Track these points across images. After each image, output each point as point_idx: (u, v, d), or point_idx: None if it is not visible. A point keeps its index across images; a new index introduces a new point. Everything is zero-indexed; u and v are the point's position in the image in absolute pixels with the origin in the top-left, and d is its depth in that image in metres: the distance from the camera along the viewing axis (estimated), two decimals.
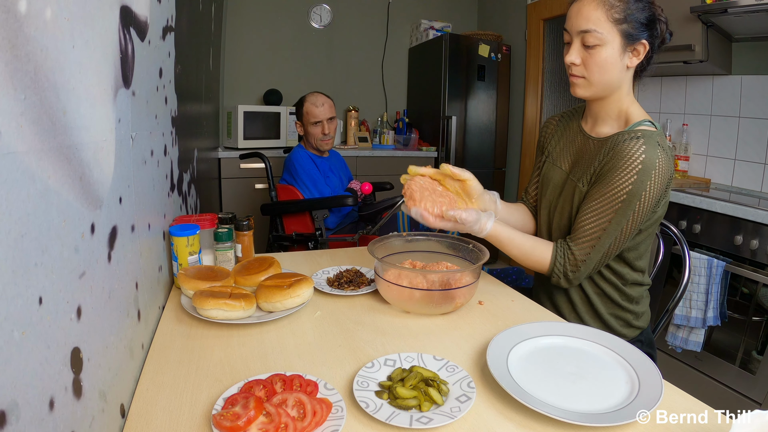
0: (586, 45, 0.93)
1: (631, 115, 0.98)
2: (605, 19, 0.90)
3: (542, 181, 1.14)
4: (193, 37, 1.55)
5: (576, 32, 0.93)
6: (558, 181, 1.09)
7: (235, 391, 0.61)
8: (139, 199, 0.73)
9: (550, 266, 0.98)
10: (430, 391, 0.62)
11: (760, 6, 1.61)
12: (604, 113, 1.02)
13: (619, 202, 0.91)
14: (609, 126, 1.02)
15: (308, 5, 3.38)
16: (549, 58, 3.22)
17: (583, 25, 0.92)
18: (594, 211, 0.94)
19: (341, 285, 1.02)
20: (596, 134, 1.03)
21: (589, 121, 1.06)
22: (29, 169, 0.37)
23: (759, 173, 2.02)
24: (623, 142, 0.93)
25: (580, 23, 0.92)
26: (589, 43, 0.92)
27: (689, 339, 1.73)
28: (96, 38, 0.53)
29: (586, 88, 0.97)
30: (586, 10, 0.91)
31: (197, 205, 1.59)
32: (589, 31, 0.91)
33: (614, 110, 1.00)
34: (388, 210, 2.02)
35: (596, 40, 0.91)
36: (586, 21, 0.91)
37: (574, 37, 0.94)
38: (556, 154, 1.12)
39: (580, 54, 0.94)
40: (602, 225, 0.93)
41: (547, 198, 1.10)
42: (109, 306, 0.56)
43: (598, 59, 0.92)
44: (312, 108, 2.10)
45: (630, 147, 0.90)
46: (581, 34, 0.92)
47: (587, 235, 0.95)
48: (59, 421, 0.40)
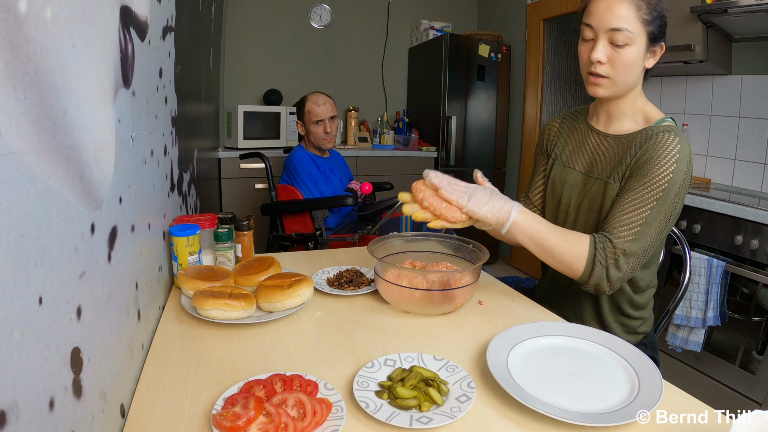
0: (614, 43, 0.89)
1: (649, 113, 0.98)
2: (636, 19, 0.88)
3: (552, 185, 1.10)
4: (193, 37, 1.55)
5: (605, 30, 0.89)
6: (574, 182, 1.05)
7: (235, 391, 0.61)
8: (139, 199, 0.73)
9: (589, 258, 0.87)
10: (430, 391, 0.62)
11: (760, 6, 1.61)
12: (620, 111, 1.00)
13: (660, 191, 0.88)
14: (626, 123, 1.00)
15: (308, 5, 3.39)
16: (549, 58, 3.22)
17: (615, 22, 0.88)
18: (633, 202, 0.90)
19: (341, 285, 1.02)
20: (615, 131, 1.01)
21: (602, 119, 1.04)
22: (29, 169, 0.37)
23: (759, 173, 2.02)
24: (656, 135, 0.91)
25: (610, 20, 0.88)
26: (619, 41, 0.88)
27: (689, 339, 1.73)
28: (96, 38, 0.53)
29: (608, 88, 0.94)
30: (617, 7, 0.88)
31: (197, 205, 1.59)
32: (621, 30, 0.88)
33: (630, 108, 0.99)
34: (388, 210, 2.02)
35: (626, 39, 0.88)
36: (618, 19, 0.88)
37: (601, 35, 0.90)
38: (567, 156, 1.09)
39: (606, 52, 0.90)
40: (643, 214, 0.88)
41: (564, 201, 1.07)
42: (109, 306, 0.56)
43: (626, 59, 0.90)
44: (314, 107, 2.10)
45: (665, 139, 0.90)
46: (610, 32, 0.89)
47: (626, 226, 0.88)
48: (59, 421, 0.40)
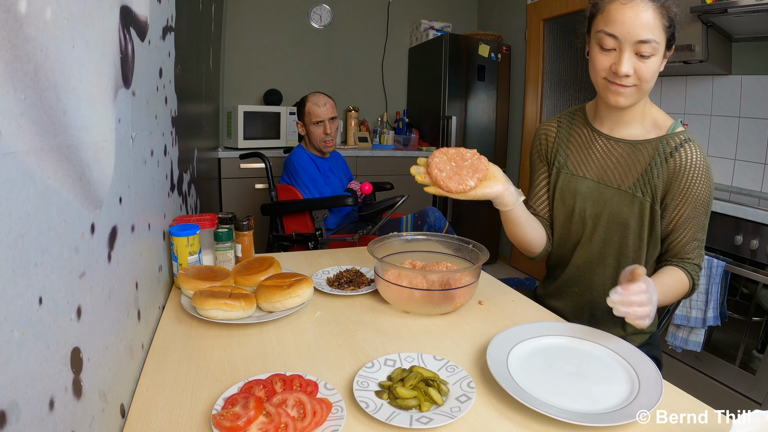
0: (639, 54, 0.85)
1: (656, 117, 0.97)
2: (660, 28, 0.84)
3: (561, 195, 1.05)
4: (193, 37, 1.55)
5: (632, 42, 0.84)
6: (587, 191, 1.01)
7: (235, 391, 0.61)
8: (139, 199, 0.73)
9: (690, 287, 0.94)
10: (430, 391, 0.62)
11: (760, 6, 1.61)
12: (628, 116, 0.97)
13: (705, 206, 0.93)
14: (635, 128, 0.98)
15: (308, 5, 3.38)
16: (549, 58, 3.22)
17: (643, 34, 0.83)
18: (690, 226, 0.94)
19: (341, 285, 1.02)
20: (625, 136, 0.98)
21: (606, 123, 1.01)
22: (29, 169, 0.37)
23: (759, 173, 2.02)
24: (680, 149, 0.92)
25: (639, 32, 0.84)
26: (645, 52, 0.85)
27: (689, 339, 1.73)
28: (96, 38, 0.53)
29: (631, 97, 0.90)
30: (644, 17, 0.83)
31: (197, 205, 1.59)
32: (648, 42, 0.84)
33: (638, 112, 0.97)
34: (388, 210, 2.02)
35: (652, 50, 0.85)
36: (646, 30, 0.83)
37: (627, 46, 0.85)
38: (573, 164, 1.04)
39: (632, 63, 0.86)
40: (703, 231, 0.95)
41: (578, 211, 1.02)
42: (109, 306, 0.56)
43: (653, 69, 0.86)
44: (314, 108, 2.09)
45: (693, 152, 0.91)
46: (638, 44, 0.84)
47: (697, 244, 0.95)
48: (59, 421, 0.40)
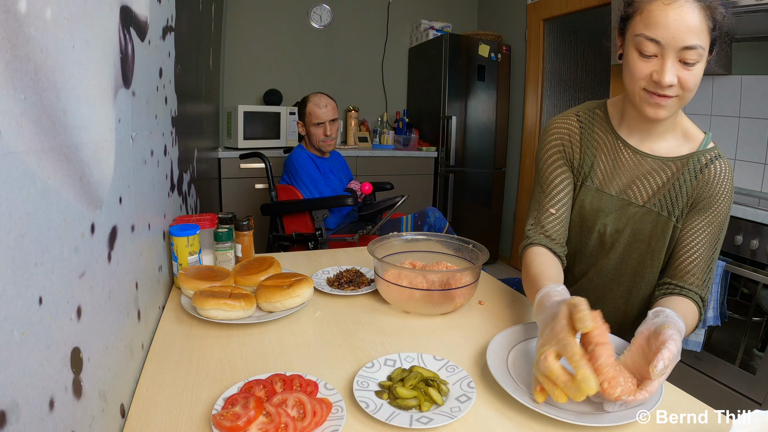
0: (684, 61, 0.76)
1: (687, 129, 0.91)
2: (706, 31, 0.75)
3: (581, 211, 0.96)
4: (193, 37, 1.55)
5: (677, 48, 0.75)
6: (609, 208, 0.93)
7: (235, 391, 0.61)
8: (139, 199, 0.73)
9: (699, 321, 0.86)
10: (430, 391, 0.62)
11: (760, 6, 1.61)
12: (661, 128, 0.89)
13: (721, 228, 0.87)
14: (666, 141, 0.90)
15: (308, 5, 3.38)
16: (549, 58, 3.22)
17: (689, 40, 0.74)
18: (703, 244, 0.86)
19: (341, 285, 1.02)
20: (654, 151, 0.90)
21: (635, 134, 0.92)
22: (29, 169, 0.37)
23: (759, 173, 2.02)
24: (710, 165, 0.86)
25: (684, 37, 0.74)
26: (690, 59, 0.76)
27: (689, 339, 1.72)
28: (96, 38, 0.53)
29: (672, 109, 0.81)
30: (690, 19, 0.74)
31: (197, 205, 1.59)
32: (695, 48, 0.75)
33: (671, 123, 0.89)
34: (388, 210, 2.02)
35: (698, 57, 0.76)
36: (693, 35, 0.74)
37: (671, 53, 0.76)
38: (601, 177, 0.94)
39: (676, 71, 0.77)
40: (712, 256, 0.87)
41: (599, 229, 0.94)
42: (109, 306, 0.56)
43: (697, 78, 0.78)
44: (315, 109, 2.09)
45: (722, 170, 0.86)
46: (683, 51, 0.75)
47: (702, 270, 0.86)
48: (59, 421, 0.40)
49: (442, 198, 3.36)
